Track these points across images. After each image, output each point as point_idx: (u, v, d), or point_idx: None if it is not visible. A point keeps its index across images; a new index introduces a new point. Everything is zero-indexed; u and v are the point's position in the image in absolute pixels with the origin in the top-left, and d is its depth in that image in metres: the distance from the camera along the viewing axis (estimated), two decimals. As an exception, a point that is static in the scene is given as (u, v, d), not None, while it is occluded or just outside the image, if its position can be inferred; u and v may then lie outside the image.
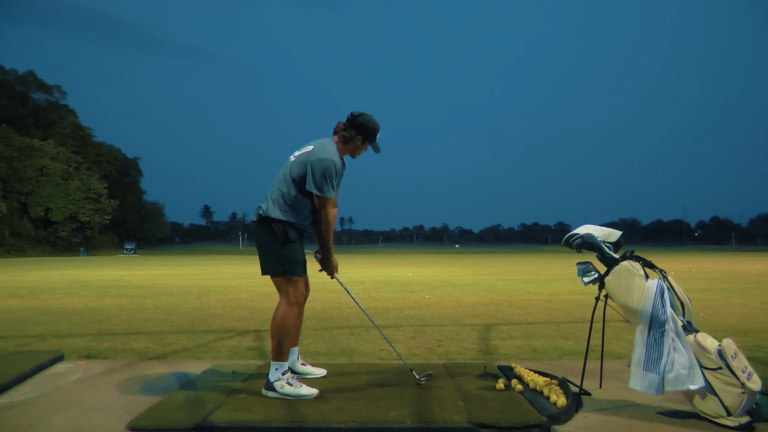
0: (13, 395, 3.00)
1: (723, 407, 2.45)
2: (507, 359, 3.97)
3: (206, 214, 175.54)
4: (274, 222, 2.98)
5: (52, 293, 9.75)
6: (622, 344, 4.48)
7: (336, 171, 2.95)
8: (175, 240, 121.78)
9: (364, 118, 3.09)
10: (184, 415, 2.55)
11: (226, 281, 12.87)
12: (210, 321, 6.03)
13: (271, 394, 2.88)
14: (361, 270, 18.94)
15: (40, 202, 53.91)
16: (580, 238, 2.88)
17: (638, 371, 2.56)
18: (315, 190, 2.91)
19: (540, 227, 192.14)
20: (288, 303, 3.00)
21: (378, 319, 6.14)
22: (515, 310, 7.00)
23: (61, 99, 66.90)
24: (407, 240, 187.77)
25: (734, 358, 2.45)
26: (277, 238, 2.98)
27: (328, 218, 3.03)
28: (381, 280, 13.04)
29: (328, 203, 2.98)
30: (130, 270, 19.71)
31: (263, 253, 3.04)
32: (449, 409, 2.60)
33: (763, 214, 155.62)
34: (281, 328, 2.95)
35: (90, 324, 5.83)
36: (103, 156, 67.13)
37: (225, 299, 8.41)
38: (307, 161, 2.94)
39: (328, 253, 3.15)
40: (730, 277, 14.38)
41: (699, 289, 10.05)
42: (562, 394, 2.79)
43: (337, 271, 3.24)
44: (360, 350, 4.33)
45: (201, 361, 3.91)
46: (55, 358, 3.79)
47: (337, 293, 8.71)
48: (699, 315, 6.20)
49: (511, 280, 13.31)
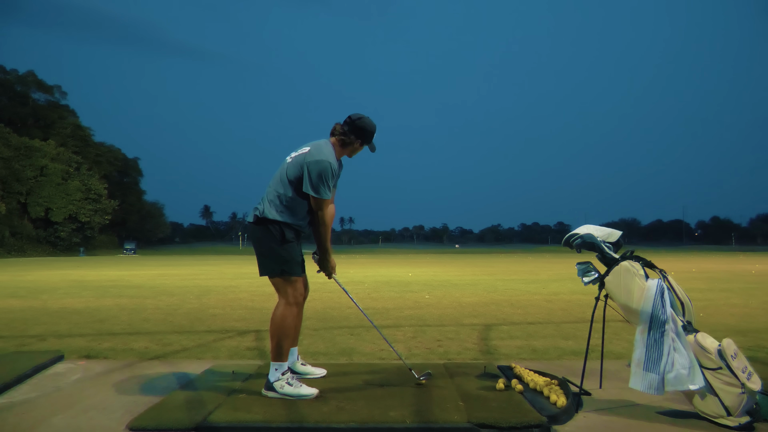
0: (13, 395, 3.00)
1: (723, 407, 2.45)
2: (507, 359, 3.97)
3: (206, 214, 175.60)
4: (270, 223, 2.98)
5: (52, 293, 9.75)
6: (622, 344, 4.48)
7: (332, 173, 2.96)
8: (175, 240, 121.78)
9: (362, 122, 3.09)
10: (184, 415, 2.55)
11: (226, 281, 12.88)
12: (210, 321, 6.03)
13: (271, 394, 2.88)
14: (361, 270, 18.94)
15: (40, 203, 53.91)
16: (580, 238, 2.88)
17: (638, 371, 2.56)
18: (311, 191, 2.91)
19: (540, 227, 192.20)
20: (287, 303, 3.00)
21: (378, 319, 6.14)
22: (515, 310, 7.00)
23: (61, 99, 66.97)
24: (407, 240, 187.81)
25: (734, 358, 2.45)
26: (274, 238, 2.98)
27: (324, 219, 3.03)
28: (381, 280, 13.04)
29: (325, 204, 2.98)
30: (130, 270, 19.71)
31: (260, 253, 3.04)
32: (449, 409, 2.60)
33: (763, 214, 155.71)
34: (280, 328, 2.95)
35: (90, 324, 5.83)
36: (103, 156, 67.14)
37: (225, 299, 8.41)
38: (304, 163, 2.94)
39: (325, 254, 3.15)
40: (730, 277, 14.38)
41: (699, 289, 10.05)
42: (562, 394, 2.79)
43: (335, 271, 3.24)
44: (360, 350, 4.33)
45: (201, 361, 3.91)
46: (55, 358, 3.79)
47: (337, 293, 8.71)
48: (699, 315, 6.20)
49: (511, 280, 13.31)
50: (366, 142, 3.14)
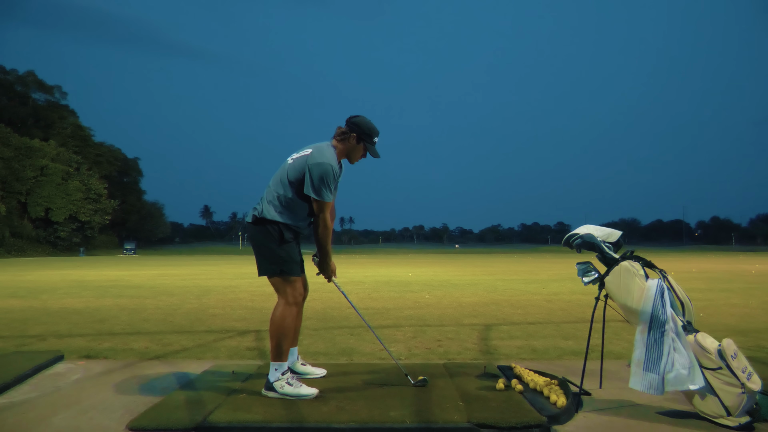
0: (13, 395, 3.00)
1: (723, 407, 2.45)
2: (507, 359, 3.97)
3: (206, 214, 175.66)
4: (269, 223, 2.97)
5: (52, 293, 9.75)
6: (622, 344, 4.48)
7: (334, 175, 2.95)
8: (175, 240, 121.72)
9: (358, 119, 3.11)
10: (184, 415, 2.55)
11: (226, 281, 12.88)
12: (210, 321, 6.03)
13: (271, 394, 2.87)
14: (360, 270, 18.94)
15: (40, 203, 53.92)
16: (580, 238, 2.88)
17: (638, 371, 2.56)
18: (313, 194, 2.91)
19: (540, 227, 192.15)
20: (286, 303, 2.99)
21: (378, 319, 6.14)
22: (515, 310, 7.00)
23: (61, 99, 67.03)
24: (407, 240, 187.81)
25: (734, 358, 2.45)
26: (273, 238, 2.97)
27: (326, 222, 3.02)
28: (381, 280, 13.04)
29: (326, 207, 2.98)
30: (130, 270, 19.71)
31: (259, 254, 3.03)
32: (449, 409, 2.60)
33: (763, 214, 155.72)
34: (280, 328, 2.94)
35: (90, 324, 5.83)
36: (104, 156, 67.16)
37: (225, 299, 8.41)
38: (305, 165, 2.94)
39: (326, 257, 3.14)
40: (730, 277, 14.38)
41: (699, 289, 10.05)
42: (562, 394, 2.79)
43: (335, 274, 3.24)
44: (360, 350, 4.33)
45: (201, 361, 3.91)
46: (55, 358, 3.79)
47: (337, 293, 8.70)
48: (699, 315, 6.20)
49: (511, 280, 13.31)
50: (363, 140, 3.11)
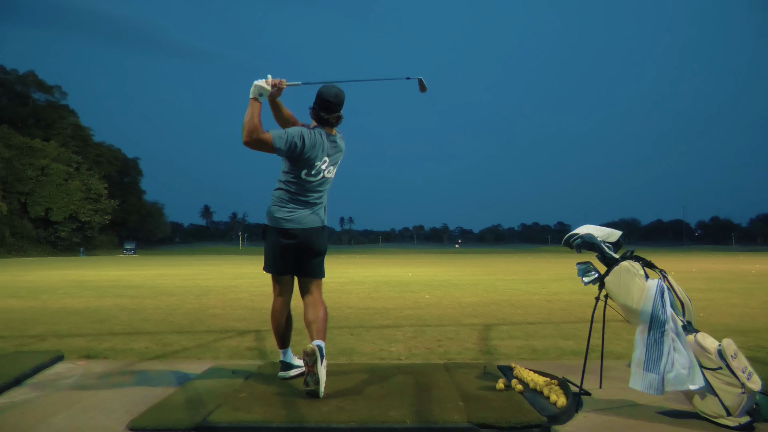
0: (13, 395, 3.00)
1: (723, 407, 2.45)
2: (507, 359, 3.97)
3: (206, 214, 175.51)
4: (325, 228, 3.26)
5: (52, 293, 9.75)
6: (622, 344, 4.48)
7: (301, 133, 2.97)
8: (175, 240, 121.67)
9: (321, 88, 3.12)
10: (184, 415, 2.55)
11: (226, 281, 12.88)
12: (210, 321, 6.03)
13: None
14: (360, 270, 18.95)
15: (40, 202, 53.89)
16: (580, 238, 2.88)
17: (638, 371, 2.56)
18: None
19: (540, 227, 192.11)
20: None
21: (378, 319, 6.15)
22: (515, 310, 7.01)
23: (61, 99, 66.85)
24: (407, 240, 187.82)
25: (734, 358, 2.45)
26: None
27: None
28: (381, 280, 13.05)
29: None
30: (130, 270, 19.71)
31: (323, 256, 3.27)
32: (449, 409, 2.60)
33: (763, 214, 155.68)
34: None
35: (90, 324, 5.84)
36: (104, 156, 67.08)
37: (225, 299, 8.42)
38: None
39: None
40: (730, 277, 14.38)
41: (699, 289, 10.05)
42: (562, 394, 2.79)
43: (270, 80, 3.03)
44: (360, 350, 4.33)
45: (201, 361, 3.91)
46: (55, 358, 3.79)
47: (336, 293, 8.71)
48: (699, 315, 6.20)
49: (511, 280, 13.32)
50: (319, 105, 3.09)
